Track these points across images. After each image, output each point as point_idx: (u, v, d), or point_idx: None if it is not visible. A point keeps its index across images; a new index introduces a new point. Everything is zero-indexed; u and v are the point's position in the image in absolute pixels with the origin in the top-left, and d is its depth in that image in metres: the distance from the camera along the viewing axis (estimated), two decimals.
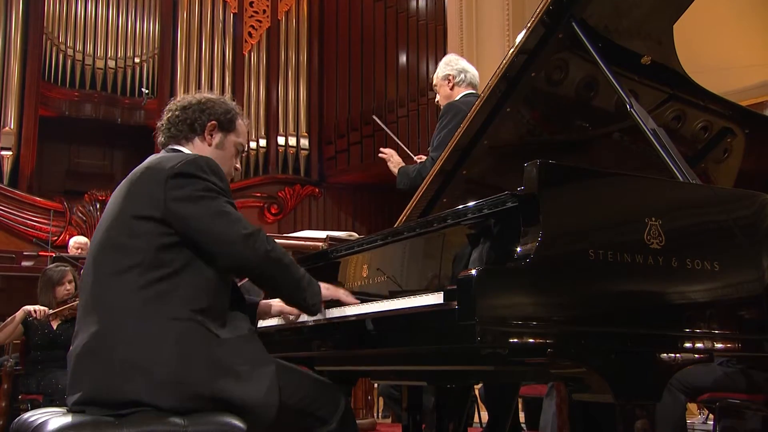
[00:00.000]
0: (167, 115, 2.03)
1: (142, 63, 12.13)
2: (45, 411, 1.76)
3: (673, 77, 2.61)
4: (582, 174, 1.59)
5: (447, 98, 3.52)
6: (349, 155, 11.64)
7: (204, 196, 1.77)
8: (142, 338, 1.67)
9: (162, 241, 1.74)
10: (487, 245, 1.60)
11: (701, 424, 5.17)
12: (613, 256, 1.50)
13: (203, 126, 1.99)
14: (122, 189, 1.86)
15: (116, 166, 12.63)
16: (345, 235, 3.40)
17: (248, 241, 1.77)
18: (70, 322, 4.43)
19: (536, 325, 1.40)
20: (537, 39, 2.28)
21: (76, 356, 1.74)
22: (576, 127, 2.73)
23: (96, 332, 1.71)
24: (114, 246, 1.77)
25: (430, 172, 2.66)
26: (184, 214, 1.75)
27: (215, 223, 1.76)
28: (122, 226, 1.78)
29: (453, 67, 3.56)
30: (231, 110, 2.05)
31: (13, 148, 10.76)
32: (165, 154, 1.94)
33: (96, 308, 1.75)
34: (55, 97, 11.67)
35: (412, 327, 1.53)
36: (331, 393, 1.87)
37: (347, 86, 12.11)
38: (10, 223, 10.38)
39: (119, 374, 1.65)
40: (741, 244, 1.70)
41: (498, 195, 1.58)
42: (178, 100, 2.07)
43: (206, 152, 1.97)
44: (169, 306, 1.71)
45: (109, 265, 1.77)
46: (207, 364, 1.69)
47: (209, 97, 2.06)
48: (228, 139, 2.03)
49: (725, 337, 1.63)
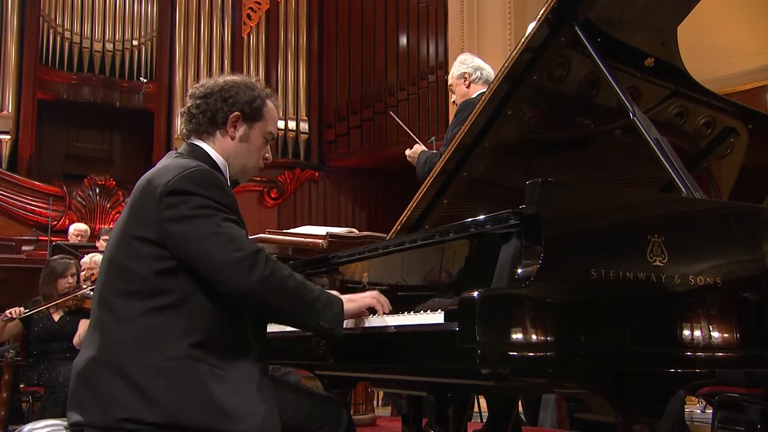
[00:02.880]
0: (189, 103, 1.89)
1: (140, 45, 12.03)
2: (45, 425, 1.76)
3: (676, 74, 2.59)
4: (584, 192, 1.57)
5: (463, 96, 3.51)
6: (349, 139, 11.59)
7: (198, 215, 1.64)
8: (136, 373, 1.62)
9: (161, 266, 1.66)
10: (488, 262, 1.59)
11: (699, 414, 5.20)
12: (615, 275, 1.49)
13: (225, 118, 1.85)
14: (130, 200, 1.78)
15: (115, 150, 12.58)
16: (345, 231, 3.38)
17: (242, 265, 1.61)
18: (72, 314, 4.44)
19: (537, 346, 1.39)
20: (542, 37, 2.25)
21: (77, 375, 1.71)
22: (578, 125, 2.71)
23: (94, 358, 1.68)
24: (118, 268, 1.71)
25: (431, 172, 2.64)
26: (177, 234, 1.65)
27: (207, 245, 1.63)
28: (125, 245, 1.71)
29: (469, 65, 3.56)
30: (257, 97, 1.88)
31: (11, 131, 10.71)
32: (171, 161, 1.81)
33: (98, 328, 1.72)
34: (53, 81, 11.58)
35: (412, 345, 1.52)
36: (333, 410, 1.82)
37: (347, 69, 12.02)
38: (10, 208, 10.36)
39: (110, 405, 1.62)
40: (744, 258, 1.69)
41: (500, 212, 1.57)
42: (202, 84, 1.91)
43: (230, 147, 1.86)
44: (167, 341, 1.64)
45: (112, 286, 1.71)
46: (202, 406, 1.62)
47: (234, 81, 1.89)
48: (254, 130, 1.88)
49: (727, 352, 1.62)
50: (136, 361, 1.63)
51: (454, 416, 2.23)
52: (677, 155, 2.74)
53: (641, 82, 2.55)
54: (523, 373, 1.43)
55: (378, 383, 2.31)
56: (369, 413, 3.45)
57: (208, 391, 1.62)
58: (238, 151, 1.87)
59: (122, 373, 1.63)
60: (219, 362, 1.66)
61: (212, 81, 1.91)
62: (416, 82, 10.91)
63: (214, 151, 1.86)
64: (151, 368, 1.62)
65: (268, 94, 1.94)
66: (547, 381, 1.43)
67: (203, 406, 1.62)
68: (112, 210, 11.00)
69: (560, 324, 1.42)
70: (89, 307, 4.41)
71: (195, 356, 1.64)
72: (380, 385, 2.38)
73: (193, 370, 1.63)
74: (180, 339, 1.64)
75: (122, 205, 11.09)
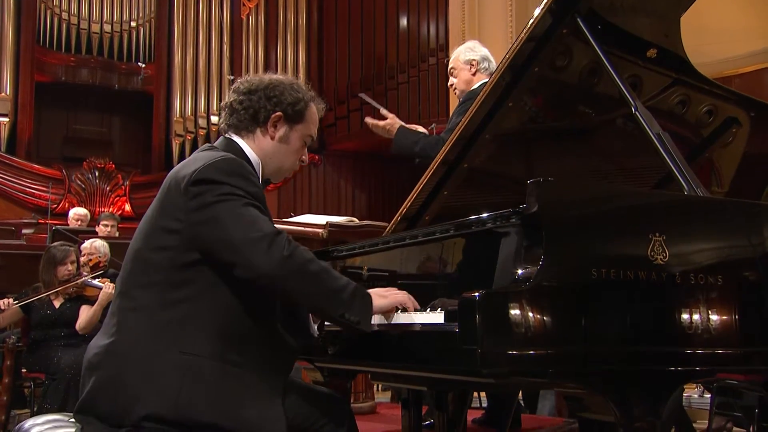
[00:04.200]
0: (232, 97, 1.86)
1: (138, 27, 11.95)
2: (46, 420, 1.76)
3: (679, 62, 2.57)
4: (585, 191, 1.56)
5: (467, 83, 3.46)
6: (349, 122, 11.53)
7: (220, 200, 1.61)
8: (150, 365, 1.61)
9: (183, 258, 1.64)
10: (488, 260, 1.58)
11: (697, 399, 5.23)
12: (616, 274, 1.49)
13: (267, 117, 1.82)
14: (158, 194, 1.76)
15: (114, 133, 12.54)
16: (345, 220, 3.36)
17: (258, 245, 1.57)
18: (72, 300, 4.45)
19: (538, 347, 1.39)
20: (544, 28, 2.22)
21: (88, 361, 1.71)
22: (579, 114, 2.69)
23: (108, 345, 1.67)
24: (142, 259, 1.70)
25: (432, 162, 2.62)
26: (200, 221, 1.62)
27: (226, 226, 1.59)
28: (151, 236, 1.70)
29: (477, 53, 3.48)
30: (301, 99, 1.85)
31: (9, 114, 10.68)
32: (201, 153, 1.79)
33: (117, 316, 1.70)
34: (51, 62, 11.52)
35: (411, 344, 1.52)
36: (335, 408, 1.81)
37: (347, 51, 11.95)
38: (9, 191, 10.35)
39: (123, 397, 1.62)
40: (745, 256, 1.69)
41: (502, 211, 1.56)
42: (246, 80, 1.88)
43: (267, 146, 1.84)
44: (184, 335, 1.62)
45: (134, 276, 1.70)
46: (212, 403, 1.60)
47: (279, 81, 1.86)
48: (294, 132, 1.86)
49: (727, 349, 1.62)
50: (152, 353, 1.61)
51: (454, 403, 2.24)
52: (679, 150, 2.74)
53: (643, 71, 2.53)
54: (523, 373, 1.43)
55: (377, 377, 2.31)
56: (369, 401, 3.46)
57: (220, 388, 1.61)
58: (276, 151, 1.85)
59: (137, 364, 1.62)
60: (236, 358, 1.64)
61: (257, 77, 1.89)
62: (417, 64, 10.84)
63: (250, 149, 1.85)
64: (167, 361, 1.60)
65: (312, 97, 1.92)
66: (548, 381, 1.43)
67: (214, 403, 1.60)
68: (112, 193, 10.99)
69: (561, 324, 1.42)
70: (89, 294, 4.45)
71: (210, 353, 1.62)
72: (380, 378, 2.38)
73: (207, 366, 1.61)
74: (197, 334, 1.62)
75: (122, 188, 11.10)
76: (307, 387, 1.90)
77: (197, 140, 11.67)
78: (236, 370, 1.63)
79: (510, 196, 2.78)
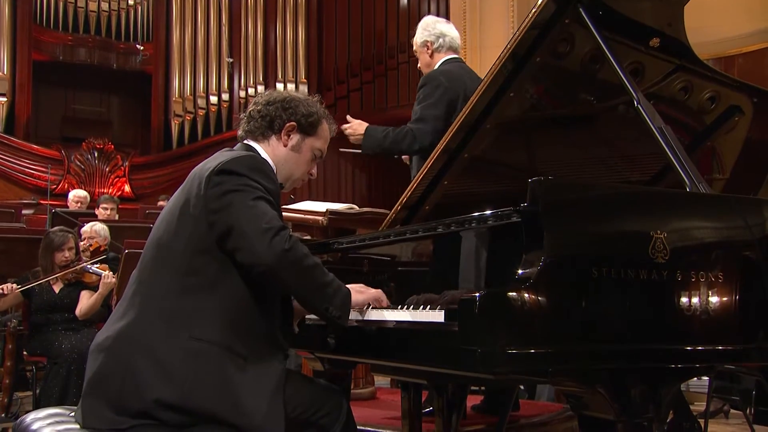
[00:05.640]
0: (251, 107, 2.00)
1: (136, 6, 11.85)
2: (48, 413, 1.77)
3: (681, 49, 2.54)
4: (586, 190, 1.55)
5: (427, 66, 3.38)
6: (349, 102, 11.46)
7: (236, 190, 1.73)
8: (161, 354, 1.67)
9: (197, 245, 1.73)
10: (489, 258, 1.58)
11: (695, 381, 5.27)
12: (617, 273, 1.48)
13: (282, 125, 1.95)
14: (184, 184, 1.86)
15: (113, 112, 12.49)
16: (345, 207, 3.35)
17: (264, 236, 1.68)
18: (72, 285, 4.45)
19: (538, 346, 1.39)
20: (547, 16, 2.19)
21: (98, 344, 1.76)
22: (581, 101, 2.67)
23: (121, 329, 1.74)
24: (163, 245, 1.79)
25: (434, 151, 2.60)
26: (215, 208, 1.73)
27: (237, 215, 1.70)
28: (173, 223, 1.79)
29: (430, 32, 3.35)
30: (315, 113, 1.99)
31: (7, 94, 10.62)
32: (224, 152, 1.90)
33: (132, 301, 1.77)
34: (48, 41, 11.43)
35: (411, 341, 1.52)
36: (333, 399, 1.85)
37: (347, 29, 11.83)
38: (9, 172, 10.34)
39: (132, 383, 1.67)
40: (746, 252, 1.68)
41: (503, 209, 1.55)
42: (266, 92, 2.04)
43: (281, 153, 1.95)
44: (195, 323, 1.70)
45: (155, 262, 1.79)
46: (220, 391, 1.67)
47: (296, 96, 2.01)
48: (306, 142, 1.98)
49: (727, 346, 1.62)
50: (162, 337, 1.69)
51: (454, 390, 2.25)
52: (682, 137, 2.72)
53: (646, 57, 2.50)
54: (523, 372, 1.43)
55: (378, 368, 2.33)
56: (369, 386, 3.48)
57: (225, 377, 1.68)
58: (288, 158, 1.96)
59: (146, 350, 1.69)
60: (242, 350, 1.72)
61: (277, 92, 2.05)
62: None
63: (266, 153, 1.95)
64: (175, 346, 1.68)
65: (325, 114, 2.04)
66: (548, 379, 1.43)
67: (218, 392, 1.67)
68: (111, 174, 10.97)
69: (561, 324, 1.42)
70: (88, 281, 4.46)
71: (218, 341, 1.70)
72: (380, 370, 2.39)
73: (215, 354, 1.69)
74: (207, 321, 1.70)
75: (121, 169, 11.08)
76: (306, 378, 1.95)
77: (197, 120, 11.62)
78: (241, 361, 1.72)
79: (511, 184, 2.78)
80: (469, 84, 3.18)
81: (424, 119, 3.15)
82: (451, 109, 3.14)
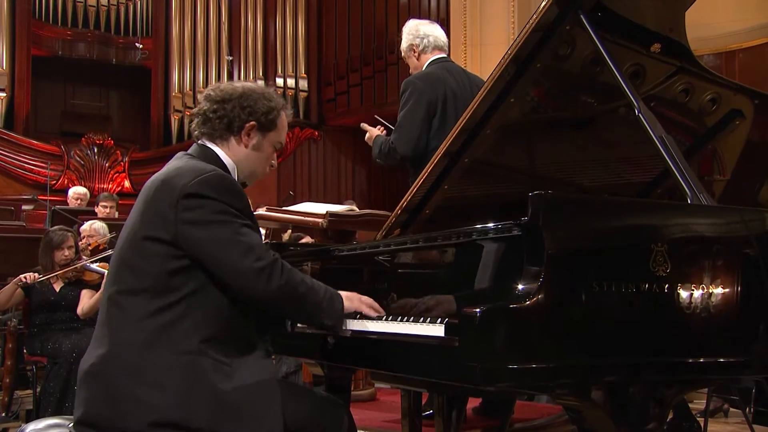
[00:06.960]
0: (205, 105, 1.93)
1: (135, 0, 11.78)
2: (47, 424, 1.77)
3: (683, 51, 2.53)
4: (586, 203, 1.54)
5: (416, 69, 3.39)
6: (349, 97, 11.42)
7: (215, 221, 1.70)
8: (146, 371, 1.65)
9: (172, 266, 1.70)
10: (489, 270, 1.57)
11: None
12: (618, 287, 1.48)
13: (241, 126, 1.90)
14: (140, 202, 1.80)
15: (112, 108, 12.46)
16: (345, 209, 3.34)
17: (261, 276, 1.70)
18: (73, 284, 4.45)
19: (539, 361, 1.38)
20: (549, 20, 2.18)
21: (84, 372, 1.74)
22: (582, 103, 2.66)
23: (103, 355, 1.71)
24: (129, 266, 1.74)
25: (434, 155, 2.59)
26: (196, 239, 1.70)
27: (226, 253, 1.69)
28: (137, 245, 1.74)
29: (414, 35, 3.35)
30: (273, 108, 1.93)
31: (6, 89, 10.59)
32: (184, 163, 1.85)
33: (108, 324, 1.74)
34: (47, 36, 11.39)
35: (411, 354, 1.52)
36: (334, 411, 1.84)
37: (347, 25, 11.77)
38: (8, 167, 10.31)
39: (121, 404, 1.65)
40: (747, 264, 1.67)
41: (504, 222, 1.54)
42: (219, 88, 1.95)
43: (241, 153, 1.91)
44: (176, 337, 1.67)
45: (121, 283, 1.75)
46: (210, 403, 1.65)
47: (252, 90, 1.94)
48: (266, 139, 1.94)
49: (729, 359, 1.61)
50: (146, 355, 1.67)
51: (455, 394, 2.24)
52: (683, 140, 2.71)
53: (647, 59, 2.49)
54: (524, 387, 1.43)
55: (377, 376, 2.32)
56: (369, 388, 3.48)
57: (214, 387, 1.66)
58: (249, 158, 1.93)
59: (130, 369, 1.66)
60: (226, 359, 1.71)
61: (230, 86, 1.95)
62: None
63: (225, 155, 1.92)
64: (162, 360, 1.66)
65: (283, 104, 1.99)
66: (548, 393, 1.43)
67: (210, 404, 1.65)
68: (111, 170, 10.94)
69: (562, 339, 1.41)
70: (89, 279, 4.45)
71: (202, 351, 1.68)
72: (379, 378, 2.39)
73: (204, 366, 1.67)
74: (188, 333, 1.69)
75: (121, 165, 11.05)
76: (309, 390, 1.95)
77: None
78: (227, 369, 1.71)
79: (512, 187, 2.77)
80: (453, 83, 3.21)
81: (401, 127, 3.22)
82: (432, 110, 3.16)
